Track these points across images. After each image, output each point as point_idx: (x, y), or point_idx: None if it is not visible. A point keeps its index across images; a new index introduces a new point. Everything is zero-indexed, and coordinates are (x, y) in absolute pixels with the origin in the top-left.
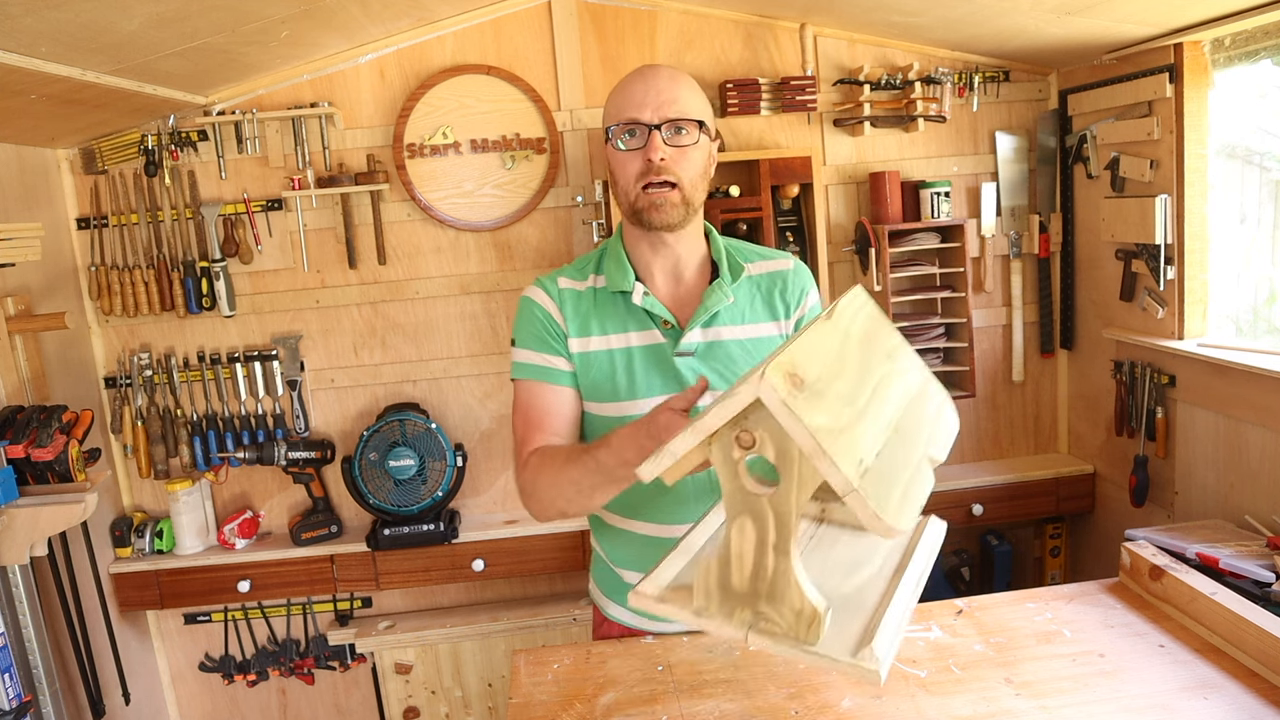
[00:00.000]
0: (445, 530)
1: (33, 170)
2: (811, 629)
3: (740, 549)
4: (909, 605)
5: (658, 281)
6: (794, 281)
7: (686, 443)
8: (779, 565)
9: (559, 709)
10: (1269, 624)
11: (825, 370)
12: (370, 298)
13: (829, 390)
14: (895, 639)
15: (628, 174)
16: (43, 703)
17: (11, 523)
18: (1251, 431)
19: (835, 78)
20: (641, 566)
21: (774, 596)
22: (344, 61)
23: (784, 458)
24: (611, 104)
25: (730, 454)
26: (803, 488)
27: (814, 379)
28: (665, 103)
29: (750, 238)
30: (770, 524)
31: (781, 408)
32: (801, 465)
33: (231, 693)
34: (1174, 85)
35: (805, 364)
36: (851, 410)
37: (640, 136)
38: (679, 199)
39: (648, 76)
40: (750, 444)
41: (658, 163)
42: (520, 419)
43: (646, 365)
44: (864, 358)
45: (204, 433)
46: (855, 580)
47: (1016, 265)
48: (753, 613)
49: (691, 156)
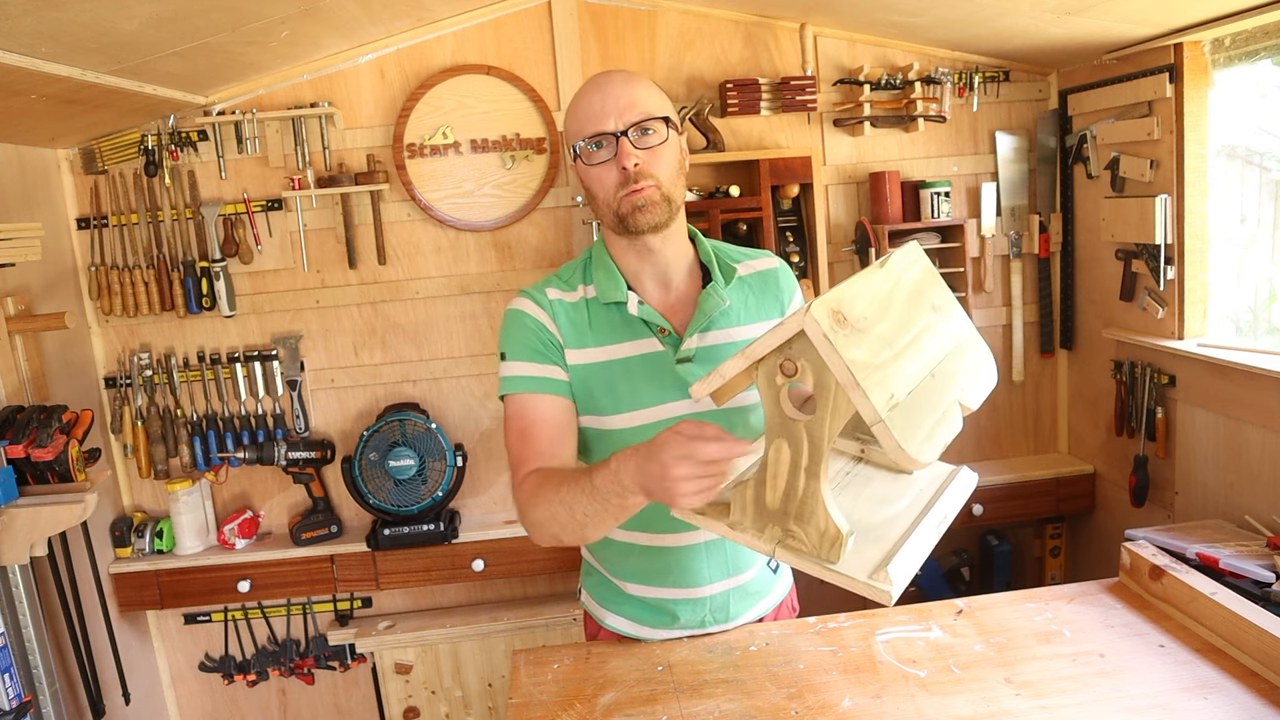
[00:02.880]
0: (445, 530)
1: (33, 170)
2: (834, 549)
3: (776, 469)
4: (930, 541)
5: (648, 289)
6: (784, 280)
7: (736, 365)
8: (809, 487)
9: (559, 709)
10: (1269, 624)
11: (870, 312)
12: (370, 298)
13: (871, 330)
14: (911, 567)
15: (605, 186)
16: (43, 703)
17: (11, 523)
18: (1251, 431)
19: (835, 78)
20: (648, 579)
21: (802, 516)
22: (344, 61)
23: (821, 387)
24: (572, 120)
25: (774, 379)
26: (836, 416)
27: (857, 318)
28: (625, 107)
29: (750, 238)
30: (805, 448)
31: (823, 340)
32: (837, 395)
33: (231, 693)
34: (1174, 85)
35: (850, 303)
36: (889, 351)
37: (609, 147)
38: (659, 197)
39: (603, 86)
40: (793, 372)
41: (633, 169)
42: (515, 436)
43: (646, 375)
44: (910, 307)
45: (204, 433)
46: (883, 514)
47: (1016, 265)
48: (782, 530)
49: (663, 155)
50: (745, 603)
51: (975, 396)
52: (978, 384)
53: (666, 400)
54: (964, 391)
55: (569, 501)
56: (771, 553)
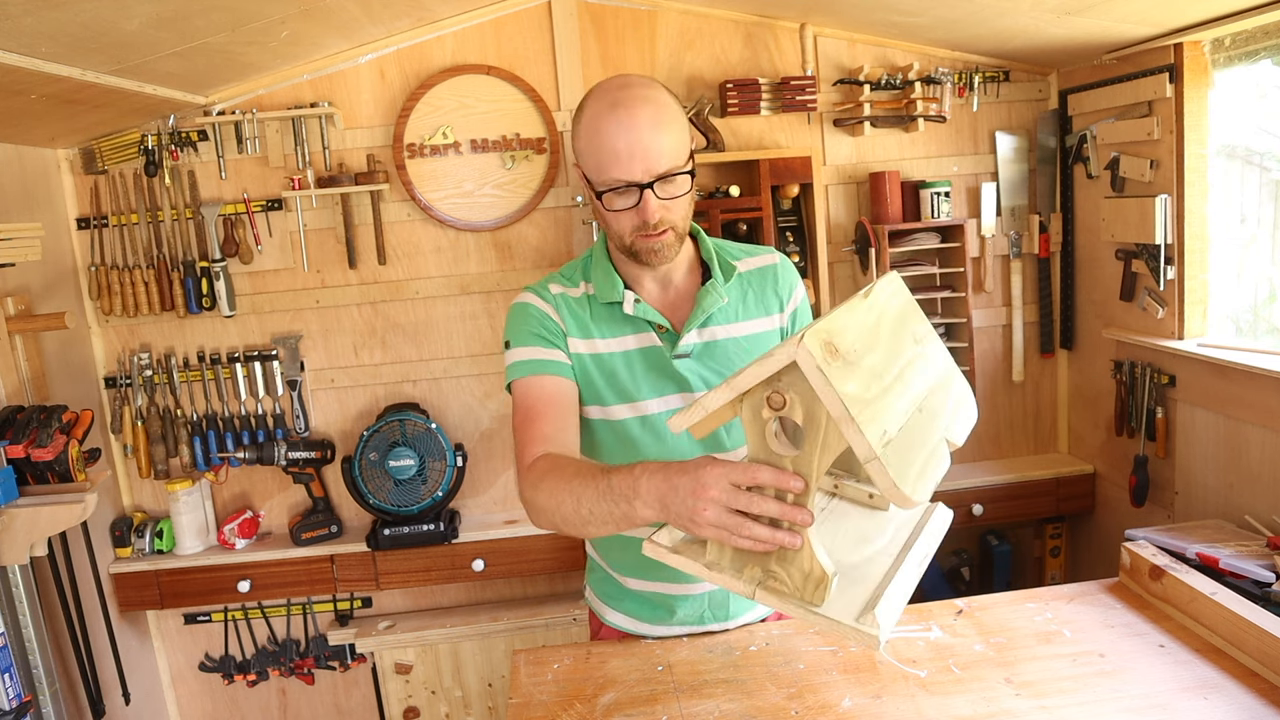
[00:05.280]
0: (445, 530)
1: (33, 170)
2: (819, 590)
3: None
4: (912, 581)
5: (647, 287)
6: (783, 276)
7: (720, 398)
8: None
9: (559, 709)
10: (1269, 624)
11: (859, 343)
12: (370, 298)
13: (861, 362)
14: (897, 609)
15: (621, 225)
16: (43, 703)
17: (11, 523)
18: (1251, 431)
19: (835, 78)
20: (646, 573)
21: (785, 556)
22: (344, 61)
23: (811, 421)
24: (591, 150)
25: (760, 413)
26: (826, 451)
27: (848, 349)
28: (654, 158)
29: (750, 238)
30: None
31: (816, 372)
32: (828, 430)
33: (231, 693)
34: (1174, 85)
35: (841, 334)
36: (879, 384)
37: (632, 195)
38: (673, 239)
39: (627, 126)
40: (780, 405)
41: (654, 221)
42: (522, 420)
43: (645, 368)
44: (895, 338)
45: (204, 433)
46: (863, 553)
47: (1016, 265)
48: (763, 570)
49: (683, 202)
50: (745, 600)
51: (960, 432)
52: (961, 419)
53: (667, 393)
54: (949, 428)
55: (579, 494)
56: (752, 595)
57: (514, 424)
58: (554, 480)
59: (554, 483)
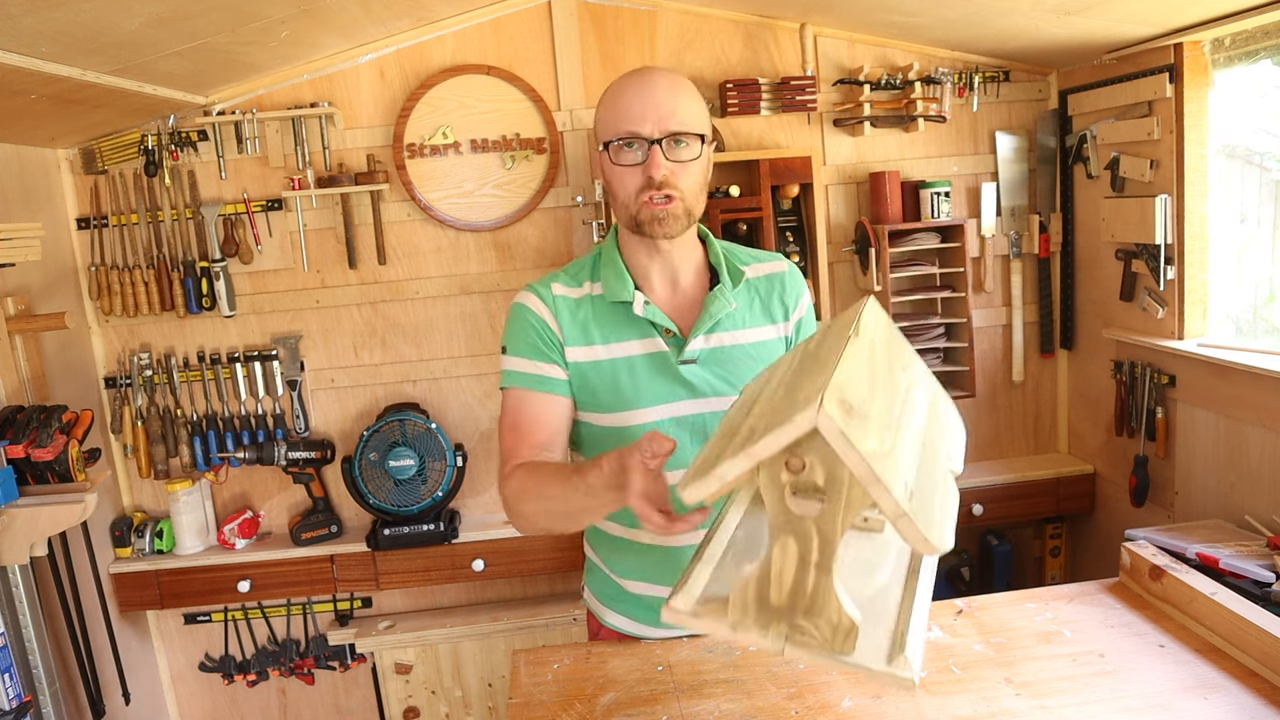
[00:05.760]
0: (445, 530)
1: (33, 170)
2: (848, 640)
3: (781, 566)
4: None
5: (656, 288)
6: (790, 284)
7: (738, 467)
8: (820, 581)
9: (559, 709)
10: (1269, 624)
11: (865, 392)
12: (370, 298)
13: (871, 412)
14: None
15: (627, 187)
16: (43, 703)
17: (11, 523)
18: (1251, 431)
19: (835, 78)
20: (646, 576)
21: (812, 610)
22: (344, 61)
23: (833, 481)
24: (606, 112)
25: (778, 477)
26: (850, 509)
27: (859, 403)
28: (665, 115)
29: (750, 238)
30: (814, 543)
31: (839, 437)
32: (851, 489)
33: (231, 693)
34: (1174, 85)
35: (850, 388)
36: (892, 434)
37: (640, 150)
38: (680, 210)
39: (645, 84)
40: (800, 469)
41: (659, 179)
42: (509, 428)
43: (649, 373)
44: (890, 374)
45: (204, 433)
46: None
47: (1016, 265)
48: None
49: (692, 169)
50: None
51: (959, 457)
52: (956, 443)
53: (671, 399)
54: (949, 457)
55: (563, 497)
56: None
57: (501, 428)
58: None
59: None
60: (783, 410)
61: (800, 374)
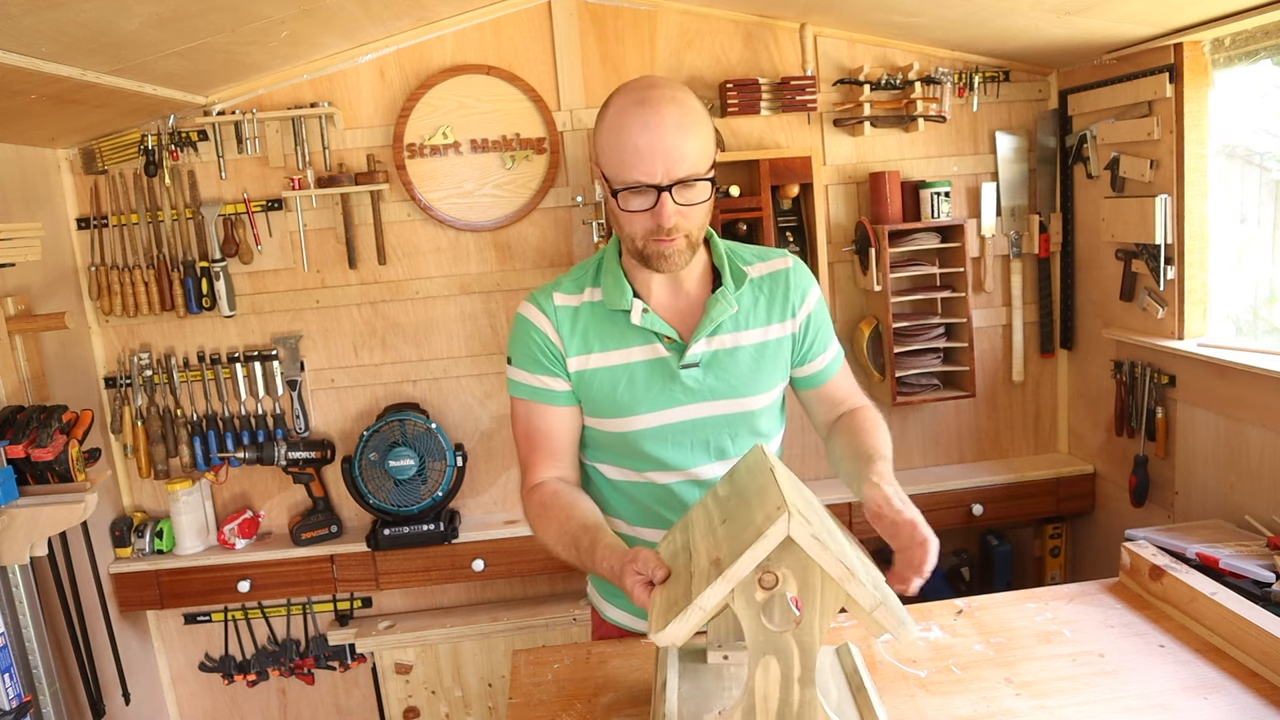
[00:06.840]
0: (445, 530)
1: (33, 170)
2: None
3: (765, 691)
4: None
5: (658, 294)
6: (796, 280)
7: (717, 593)
8: (805, 696)
9: (559, 709)
10: (1269, 624)
11: (805, 509)
12: (370, 298)
13: (814, 523)
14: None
15: (634, 226)
16: (43, 703)
17: (11, 523)
18: (1251, 431)
19: (835, 78)
20: None
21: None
22: (344, 61)
23: (807, 590)
24: (612, 148)
25: (753, 597)
26: (825, 615)
27: (809, 515)
28: (675, 161)
29: (750, 238)
30: (795, 658)
31: (812, 541)
32: (824, 593)
33: (231, 693)
34: (1174, 85)
35: (797, 504)
36: (835, 540)
37: (648, 197)
38: (685, 245)
39: (652, 125)
40: (773, 584)
41: (669, 226)
42: (522, 436)
43: (649, 379)
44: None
45: (204, 433)
46: None
47: (1016, 265)
48: None
49: (700, 209)
50: None
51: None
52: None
53: (670, 405)
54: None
55: (571, 547)
56: None
57: (515, 433)
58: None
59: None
60: (742, 535)
61: (736, 509)
